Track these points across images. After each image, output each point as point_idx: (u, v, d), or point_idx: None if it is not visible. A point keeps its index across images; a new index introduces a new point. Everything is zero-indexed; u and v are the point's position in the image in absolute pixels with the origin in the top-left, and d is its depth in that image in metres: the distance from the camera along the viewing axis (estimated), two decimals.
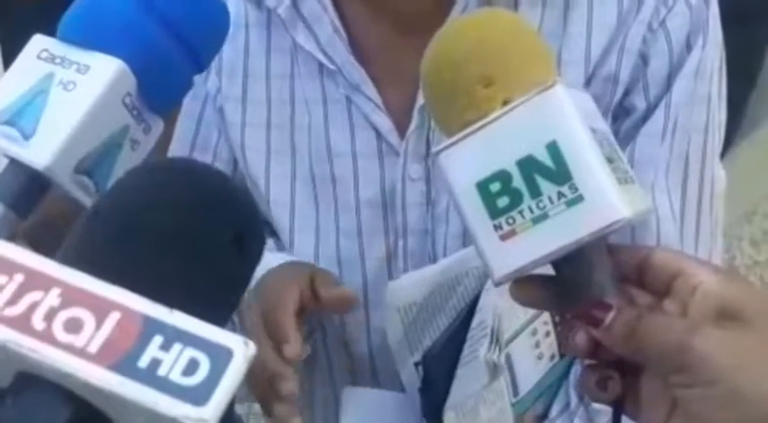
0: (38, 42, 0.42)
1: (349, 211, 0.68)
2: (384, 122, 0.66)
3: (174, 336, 0.27)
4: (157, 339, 0.27)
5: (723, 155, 0.77)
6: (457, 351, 0.63)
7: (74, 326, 0.27)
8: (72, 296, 0.28)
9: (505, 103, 0.40)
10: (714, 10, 0.63)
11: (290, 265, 0.68)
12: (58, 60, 0.41)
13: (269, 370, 0.62)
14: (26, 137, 0.40)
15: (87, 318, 0.28)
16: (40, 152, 0.39)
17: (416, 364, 0.66)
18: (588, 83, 0.63)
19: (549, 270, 0.42)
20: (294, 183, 0.70)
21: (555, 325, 0.63)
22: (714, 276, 0.40)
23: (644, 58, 0.63)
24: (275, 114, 0.70)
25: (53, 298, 0.28)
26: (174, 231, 0.32)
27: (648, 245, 0.59)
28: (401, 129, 0.65)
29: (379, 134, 0.66)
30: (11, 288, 0.28)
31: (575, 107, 0.39)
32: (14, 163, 0.40)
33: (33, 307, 0.28)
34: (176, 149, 0.75)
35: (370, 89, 0.65)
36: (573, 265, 0.40)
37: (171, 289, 0.30)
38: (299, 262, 0.70)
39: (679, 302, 0.40)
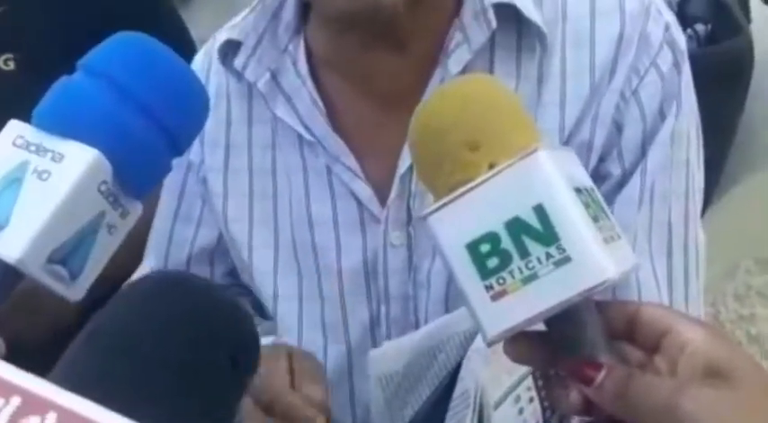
0: (13, 128, 0.42)
1: (331, 278, 0.69)
2: (364, 191, 0.66)
3: None
4: None
5: (703, 212, 0.79)
6: (440, 421, 0.62)
7: None
8: (69, 421, 0.27)
9: (491, 166, 0.41)
10: (686, 77, 0.65)
11: (270, 347, 0.67)
12: (32, 148, 0.41)
13: None
14: None
15: None
16: (12, 245, 0.38)
17: None
18: None
19: (542, 326, 0.42)
20: (277, 251, 0.70)
21: (538, 391, 0.63)
22: (702, 334, 0.40)
23: (618, 126, 0.64)
24: (257, 184, 0.71)
25: None
26: (171, 359, 0.32)
27: (636, 301, 0.59)
28: (381, 197, 0.66)
29: (359, 203, 0.67)
30: (8, 411, 0.27)
31: (558, 170, 0.40)
32: None
33: None
34: (160, 220, 0.76)
35: (350, 159, 0.66)
36: (564, 324, 0.41)
37: (168, 413, 0.30)
38: (279, 345, 0.68)
39: (668, 360, 0.41)
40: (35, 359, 0.37)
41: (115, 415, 0.27)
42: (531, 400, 0.62)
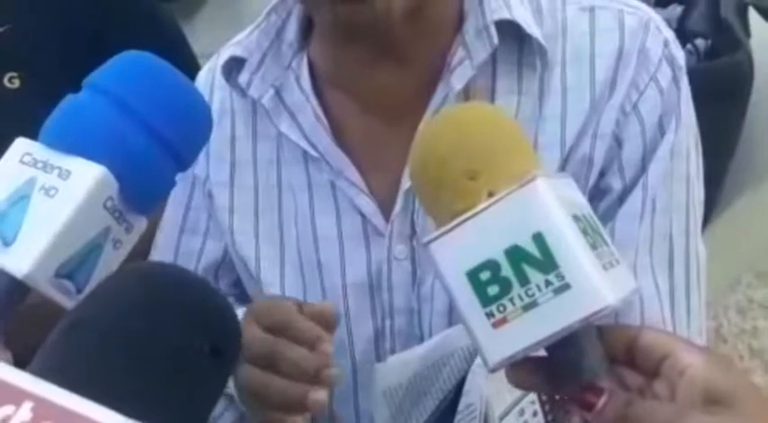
0: (21, 146, 0.43)
1: (336, 294, 0.69)
2: (368, 206, 0.67)
3: None
4: None
5: (704, 226, 0.79)
6: None
7: None
8: (44, 411, 0.27)
9: (491, 194, 0.41)
10: (685, 92, 0.65)
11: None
12: (40, 165, 0.41)
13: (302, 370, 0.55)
14: (7, 243, 0.40)
15: None
16: (21, 260, 0.39)
17: None
18: (564, 164, 0.64)
19: (543, 351, 0.42)
20: (283, 267, 0.71)
21: (542, 404, 0.63)
22: (701, 360, 0.40)
23: (618, 141, 0.64)
24: (263, 200, 0.71)
25: (25, 412, 0.27)
26: (150, 348, 0.32)
27: (636, 325, 0.60)
28: (385, 211, 0.66)
29: (364, 217, 0.67)
30: None
31: (556, 198, 0.40)
32: None
33: (5, 422, 0.27)
34: (166, 233, 0.76)
35: (354, 174, 0.67)
36: (565, 350, 0.41)
37: (147, 402, 0.30)
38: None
39: (668, 385, 0.41)
40: None
41: (90, 403, 0.27)
42: (535, 413, 0.62)
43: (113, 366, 0.31)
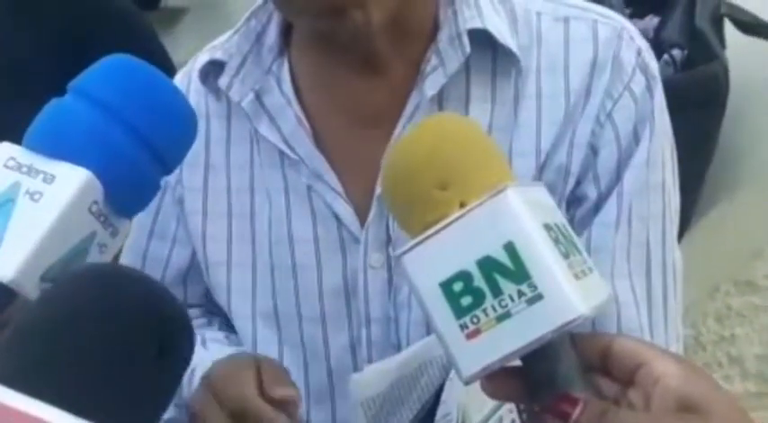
0: (4, 150, 0.42)
1: (312, 298, 0.69)
2: (345, 211, 0.67)
3: None
4: None
5: (682, 234, 0.79)
6: None
7: None
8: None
9: (462, 205, 0.41)
10: (659, 100, 0.66)
11: (236, 356, 0.68)
12: (24, 169, 0.41)
13: None
14: None
15: None
16: (6, 264, 0.39)
17: None
18: (541, 172, 0.65)
19: (519, 361, 0.42)
20: (255, 272, 0.70)
21: (519, 413, 0.63)
22: (675, 368, 0.41)
23: (593, 150, 0.65)
24: (236, 204, 0.71)
25: None
26: (96, 351, 0.31)
27: (610, 333, 0.60)
28: (362, 217, 0.67)
29: (340, 222, 0.67)
30: None
31: (527, 207, 0.40)
32: None
33: None
34: (134, 237, 0.76)
35: (332, 178, 0.67)
36: (539, 360, 0.41)
37: (96, 404, 0.30)
38: (244, 353, 0.69)
39: (642, 394, 0.41)
40: None
41: (40, 403, 0.27)
42: (513, 422, 0.62)
43: (60, 372, 0.31)
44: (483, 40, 0.63)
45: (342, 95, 0.67)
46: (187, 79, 0.74)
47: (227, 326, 0.76)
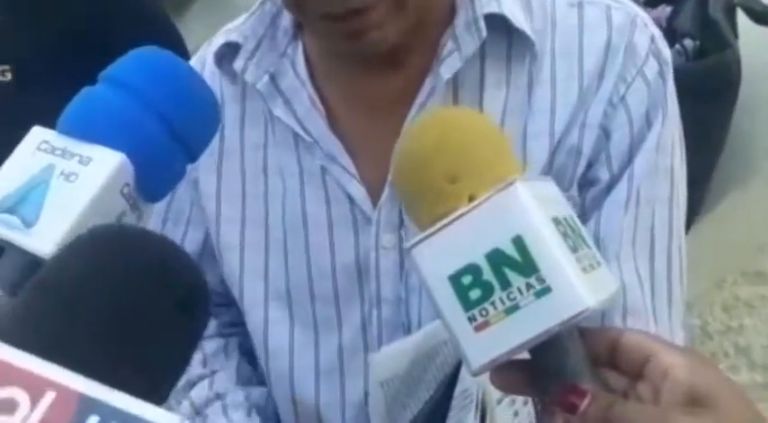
0: (37, 134, 0.44)
1: (325, 277, 0.69)
2: (358, 192, 0.67)
3: (110, 415, 0.26)
4: (93, 419, 0.26)
5: (691, 225, 0.79)
6: (441, 421, 0.63)
7: (8, 407, 0.26)
8: (8, 375, 0.27)
9: (471, 198, 0.41)
10: (671, 87, 0.66)
11: None
12: (58, 152, 0.43)
13: None
14: (28, 225, 0.41)
15: (22, 398, 0.27)
16: (44, 240, 0.40)
17: None
18: (554, 154, 0.65)
19: (527, 354, 0.43)
20: (268, 252, 0.71)
21: (534, 401, 0.63)
22: (683, 361, 0.41)
23: (606, 132, 0.65)
24: (250, 185, 0.71)
25: None
26: (114, 307, 0.31)
27: (619, 327, 0.60)
28: (375, 199, 0.67)
29: (353, 203, 0.67)
30: None
31: (536, 201, 0.41)
32: (13, 249, 0.41)
33: None
34: (149, 222, 0.76)
35: (346, 160, 0.67)
36: (547, 352, 0.42)
37: (114, 364, 0.30)
38: None
39: (651, 387, 0.41)
40: None
41: (54, 366, 0.27)
42: (526, 402, 0.63)
43: (78, 331, 0.31)
44: (499, 24, 0.64)
45: (356, 82, 0.68)
46: (201, 62, 0.75)
47: (243, 349, 0.77)
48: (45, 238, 0.40)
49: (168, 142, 0.44)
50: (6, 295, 0.40)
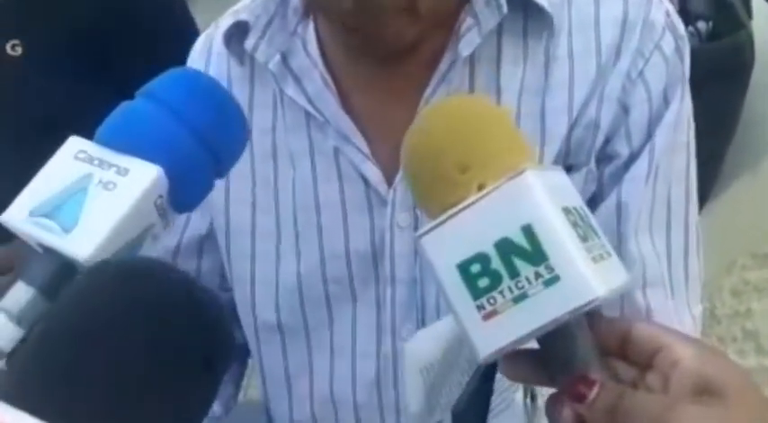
0: (74, 144, 0.45)
1: (338, 260, 0.69)
2: (373, 172, 0.67)
3: None
4: None
5: (702, 207, 0.79)
6: (485, 403, 0.63)
7: None
8: None
9: (480, 187, 0.41)
10: (687, 63, 0.66)
11: None
12: (96, 162, 0.44)
13: None
14: (66, 230, 0.42)
15: None
16: (82, 245, 0.42)
17: None
18: (572, 129, 0.65)
19: (535, 344, 0.43)
20: (279, 237, 0.71)
21: (525, 395, 0.63)
22: (693, 351, 0.41)
23: (624, 108, 0.65)
24: (259, 168, 0.71)
25: None
26: (137, 357, 0.32)
27: (629, 318, 0.60)
28: (389, 180, 0.67)
29: (367, 184, 0.67)
30: None
31: (546, 190, 0.40)
32: (49, 252, 0.43)
33: None
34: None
35: (360, 140, 0.67)
36: (556, 341, 0.42)
37: (132, 414, 0.30)
38: None
39: (661, 377, 0.41)
40: None
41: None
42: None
43: (89, 383, 0.31)
44: (515, 1, 0.63)
45: (370, 64, 0.67)
46: (209, 43, 0.74)
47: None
48: (83, 243, 0.42)
49: (201, 158, 0.47)
50: (38, 292, 0.42)
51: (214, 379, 0.34)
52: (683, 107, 0.65)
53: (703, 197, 0.74)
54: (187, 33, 0.95)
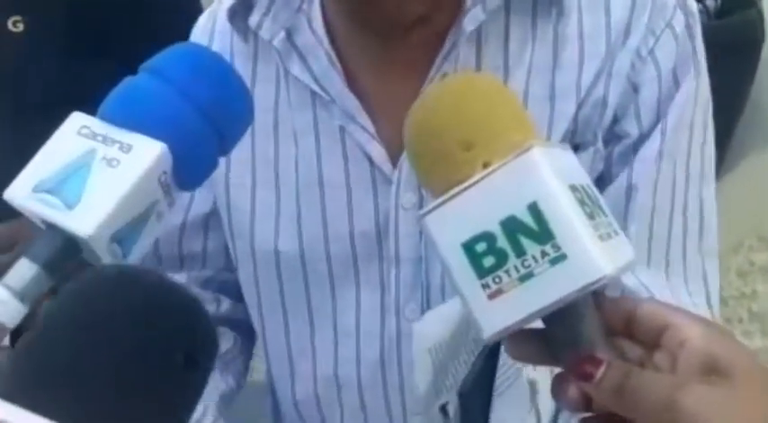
0: (77, 120, 0.45)
1: (342, 240, 0.69)
2: (378, 152, 0.66)
3: None
4: None
5: None
6: (490, 382, 0.63)
7: None
8: None
9: (485, 165, 0.40)
10: (699, 40, 0.66)
11: None
12: (99, 138, 0.44)
13: None
14: (69, 206, 0.42)
15: None
16: (85, 222, 0.41)
17: (442, 407, 0.65)
18: (579, 107, 0.65)
19: (541, 323, 0.42)
20: (278, 218, 0.71)
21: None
22: (700, 330, 0.40)
23: (634, 86, 0.65)
24: (259, 147, 0.71)
25: None
26: (125, 358, 0.31)
27: (635, 297, 0.60)
28: (394, 159, 0.66)
29: (372, 163, 0.67)
30: None
31: (552, 167, 0.40)
32: (52, 229, 0.42)
33: None
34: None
35: (365, 119, 0.66)
36: (562, 321, 0.41)
37: (118, 413, 0.29)
38: None
39: (668, 356, 0.41)
40: None
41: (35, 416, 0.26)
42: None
43: (83, 378, 0.31)
44: None
45: (375, 41, 0.66)
46: (212, 21, 0.74)
47: (235, 305, 0.77)
48: (86, 219, 0.41)
49: (206, 135, 0.46)
50: (41, 269, 0.41)
51: (200, 375, 0.34)
52: (698, 84, 0.65)
53: None
54: (189, 8, 0.95)
